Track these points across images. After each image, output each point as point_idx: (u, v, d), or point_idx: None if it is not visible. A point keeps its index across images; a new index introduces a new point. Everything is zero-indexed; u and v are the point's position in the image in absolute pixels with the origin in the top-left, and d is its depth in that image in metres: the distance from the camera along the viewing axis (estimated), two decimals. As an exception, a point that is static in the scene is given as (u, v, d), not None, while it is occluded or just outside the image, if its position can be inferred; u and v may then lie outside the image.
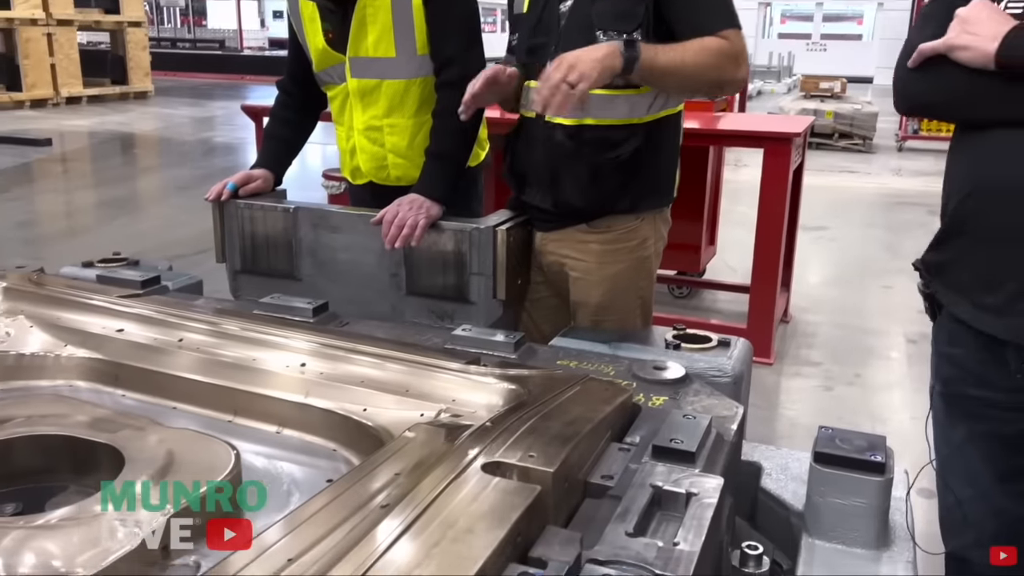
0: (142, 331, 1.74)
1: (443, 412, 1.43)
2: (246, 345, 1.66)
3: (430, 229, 2.23)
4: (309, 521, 1.02)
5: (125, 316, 1.78)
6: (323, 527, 0.99)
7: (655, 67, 1.93)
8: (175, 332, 1.72)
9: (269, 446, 1.50)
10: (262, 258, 2.45)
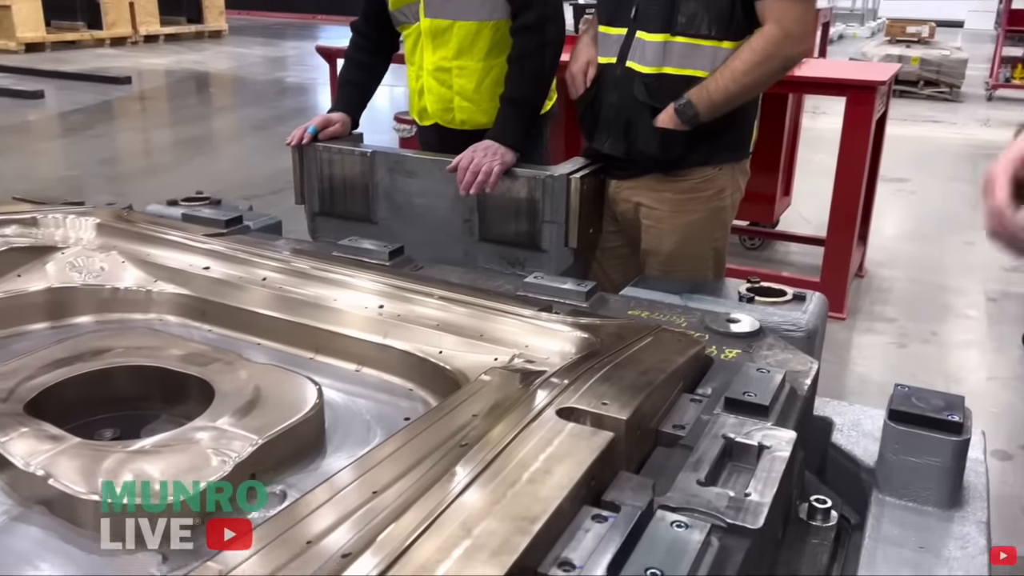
0: (227, 269, 1.80)
1: (516, 357, 1.46)
2: (326, 285, 1.71)
3: (504, 176, 2.24)
4: (390, 458, 1.06)
5: (211, 254, 1.84)
6: (403, 464, 1.04)
7: (716, 105, 2.07)
8: (258, 271, 1.77)
9: (349, 384, 1.55)
10: (340, 201, 2.50)
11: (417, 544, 0.85)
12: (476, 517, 0.90)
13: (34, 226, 1.88)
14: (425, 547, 0.85)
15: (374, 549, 0.85)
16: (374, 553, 0.84)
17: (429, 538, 0.86)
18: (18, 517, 1.16)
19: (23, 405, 1.32)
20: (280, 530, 0.91)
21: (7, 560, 1.09)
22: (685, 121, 2.05)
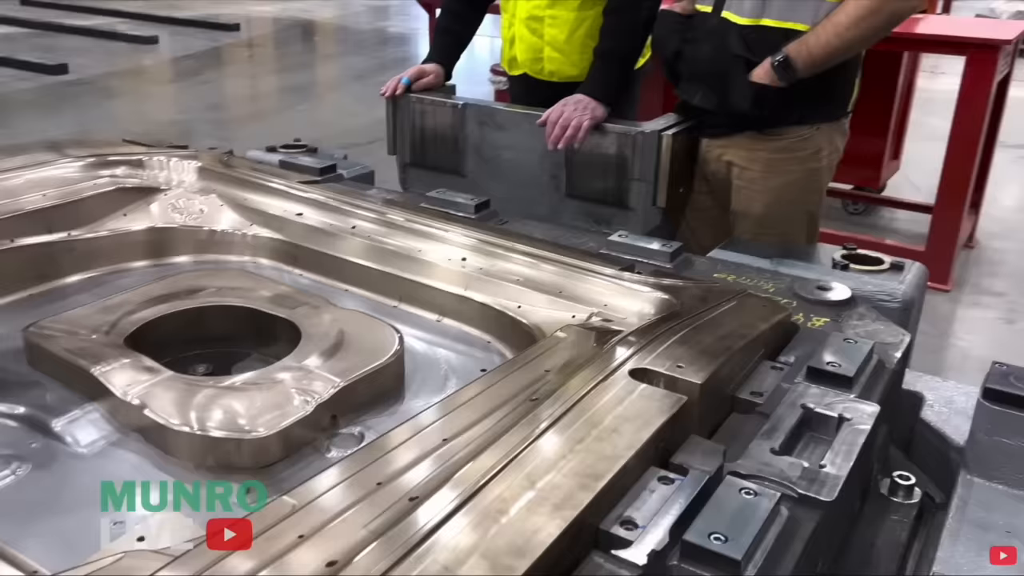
0: (319, 216, 1.85)
1: (594, 316, 1.46)
2: (412, 236, 1.73)
3: (593, 131, 2.21)
4: (464, 406, 1.08)
5: (304, 201, 1.89)
6: (476, 413, 1.05)
7: (816, 62, 1.97)
8: (349, 219, 1.81)
9: (430, 333, 1.58)
10: (430, 152, 2.52)
11: (481, 493, 0.87)
12: (541, 470, 0.91)
13: (140, 168, 1.96)
14: (489, 496, 0.86)
15: (439, 496, 0.87)
16: (439, 500, 0.86)
17: (493, 488, 0.88)
18: (116, 443, 1.24)
19: (124, 338, 1.40)
20: (353, 470, 0.94)
21: (96, 481, 1.16)
22: (782, 77, 1.96)
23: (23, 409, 1.28)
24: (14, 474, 1.16)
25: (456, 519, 0.83)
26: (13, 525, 1.04)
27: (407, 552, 0.78)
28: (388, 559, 0.77)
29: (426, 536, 0.80)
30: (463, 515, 0.84)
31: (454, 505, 0.85)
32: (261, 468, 1.19)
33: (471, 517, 0.83)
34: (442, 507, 0.84)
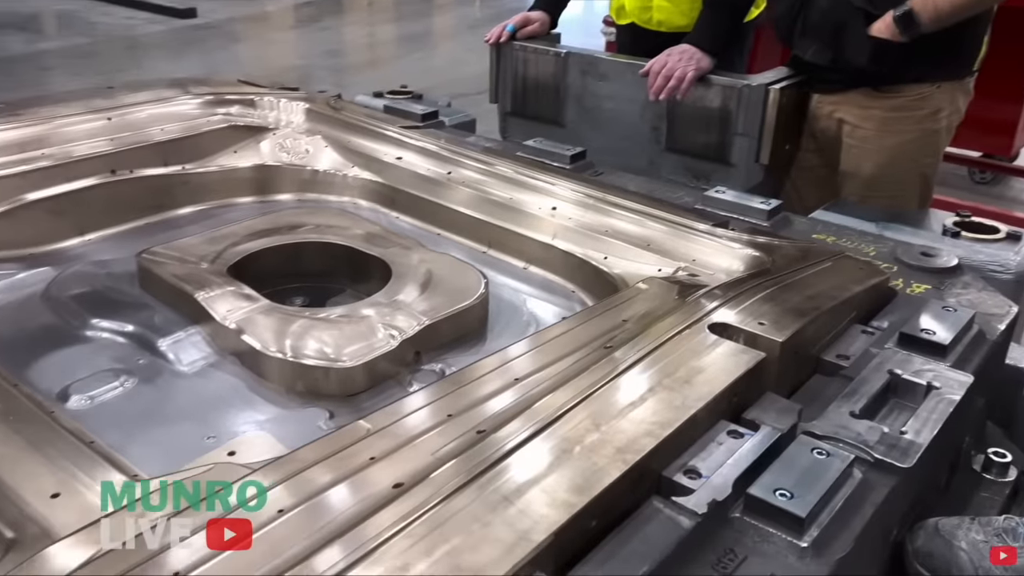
0: (418, 161, 1.88)
1: (681, 270, 1.44)
2: (506, 184, 1.74)
3: (697, 83, 2.15)
4: (540, 348, 1.10)
5: (405, 145, 1.93)
6: (551, 355, 1.07)
7: (942, 16, 1.86)
8: (446, 165, 1.84)
9: (515, 279, 1.60)
10: (531, 101, 2.52)
11: (547, 430, 0.89)
12: (609, 414, 0.92)
13: (252, 107, 2.04)
14: (555, 434, 0.88)
15: (507, 430, 0.89)
16: (506, 433, 0.88)
17: (560, 426, 0.89)
18: (214, 364, 1.32)
19: (227, 268, 1.48)
20: (428, 400, 0.98)
21: (200, 400, 1.25)
22: (903, 32, 1.85)
23: (133, 328, 1.38)
24: (122, 386, 1.26)
25: (520, 453, 0.85)
26: (119, 432, 1.12)
27: (469, 480, 0.81)
28: (451, 485, 0.80)
29: (490, 467, 0.83)
30: (528, 450, 0.86)
31: (520, 439, 0.87)
32: (347, 396, 1.25)
33: (536, 452, 0.85)
34: (508, 441, 0.87)
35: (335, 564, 0.70)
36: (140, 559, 0.74)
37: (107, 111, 1.87)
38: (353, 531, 0.75)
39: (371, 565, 0.71)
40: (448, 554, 0.72)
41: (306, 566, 0.70)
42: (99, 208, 1.71)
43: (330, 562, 0.71)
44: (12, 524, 0.93)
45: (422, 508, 0.77)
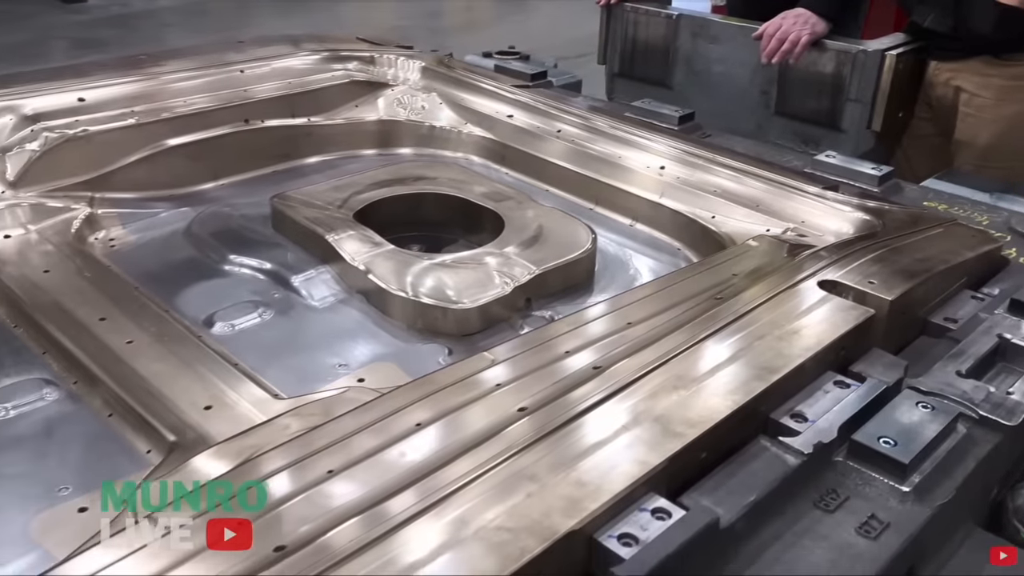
0: (528, 119, 1.94)
1: (789, 231, 1.46)
2: (614, 142, 1.79)
3: (811, 47, 2.14)
4: (649, 297, 1.15)
5: (515, 104, 1.99)
6: (660, 304, 1.12)
7: None
8: (555, 123, 1.89)
9: (621, 235, 1.65)
10: (639, 63, 2.54)
11: (661, 369, 0.94)
12: (719, 358, 0.97)
13: (372, 64, 2.13)
14: (668, 373, 0.94)
15: (622, 366, 0.95)
16: (622, 369, 0.94)
17: (672, 367, 0.95)
18: (343, 301, 1.42)
19: (352, 214, 1.58)
20: (546, 339, 1.05)
21: (331, 332, 1.35)
22: None
23: (268, 265, 1.49)
24: (260, 317, 1.37)
25: (636, 387, 0.91)
26: (258, 357, 1.23)
27: (587, 408, 0.88)
28: (570, 412, 0.87)
29: (606, 398, 0.89)
30: (643, 385, 0.92)
31: (635, 376, 0.93)
32: (462, 336, 1.33)
33: (651, 388, 0.91)
34: (624, 377, 0.93)
35: (467, 473, 0.78)
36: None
37: (239, 64, 1.99)
38: (484, 445, 0.83)
39: (494, 476, 0.78)
40: (571, 469, 0.79)
41: (445, 471, 0.78)
42: (232, 155, 1.83)
43: (462, 471, 0.78)
44: (173, 429, 1.05)
45: (545, 429, 0.84)
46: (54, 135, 1.64)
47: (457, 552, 0.69)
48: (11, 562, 0.88)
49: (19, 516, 0.95)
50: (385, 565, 0.68)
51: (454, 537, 0.70)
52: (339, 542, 0.71)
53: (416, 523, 0.72)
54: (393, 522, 0.72)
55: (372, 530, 0.71)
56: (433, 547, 0.69)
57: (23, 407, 1.13)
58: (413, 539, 0.70)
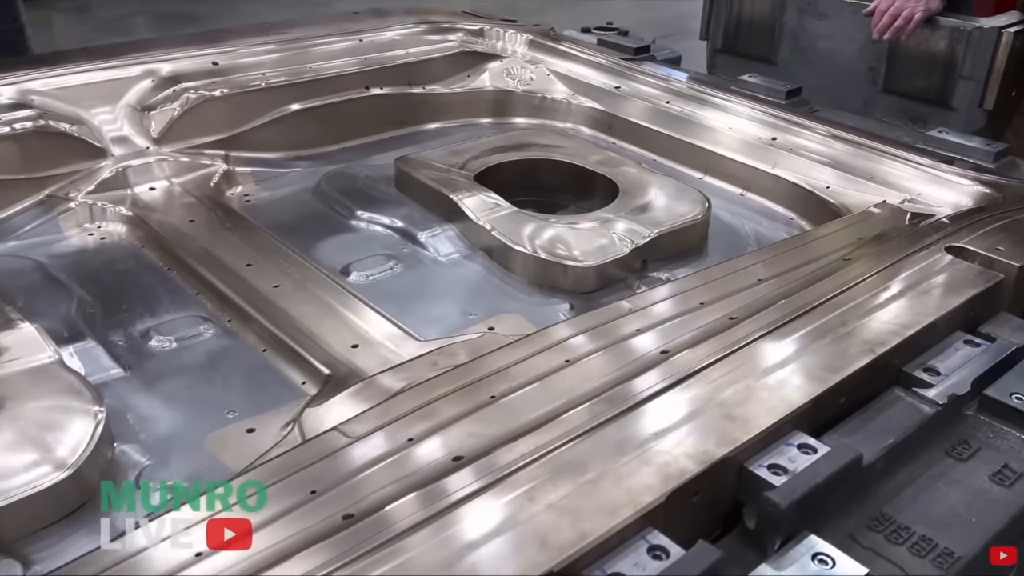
0: (635, 90, 1.98)
1: (906, 201, 1.47)
2: (723, 113, 1.81)
3: (924, 24, 2.12)
4: (779, 256, 1.19)
5: (622, 75, 2.03)
6: (790, 263, 1.16)
7: None
8: (663, 94, 1.93)
9: (733, 204, 1.68)
10: (743, 39, 2.54)
11: (796, 322, 0.98)
12: (853, 314, 1.01)
13: (481, 36, 2.19)
14: (804, 325, 0.98)
15: (759, 317, 1.00)
16: (759, 320, 0.99)
17: (808, 319, 0.99)
18: (466, 257, 1.49)
19: (472, 176, 1.64)
20: (679, 291, 1.10)
21: (457, 285, 1.42)
22: None
23: (395, 222, 1.57)
24: (391, 269, 1.45)
25: (775, 335, 0.96)
26: (393, 304, 1.30)
27: (729, 352, 0.93)
28: (715, 355, 0.92)
29: (746, 344, 0.94)
30: (782, 333, 0.96)
31: (773, 327, 0.97)
32: (580, 293, 1.38)
33: (790, 336, 0.96)
34: (763, 327, 0.97)
35: (605, 412, 0.84)
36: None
37: (357, 34, 2.07)
38: (634, 380, 0.89)
39: (652, 407, 0.84)
40: (719, 405, 0.84)
41: (609, 397, 0.84)
42: (353, 120, 1.92)
43: (600, 411, 0.84)
44: (326, 364, 1.13)
45: (691, 369, 0.90)
46: (194, 96, 1.75)
47: (628, 467, 0.75)
48: (198, 472, 0.98)
49: (196, 434, 1.04)
50: (561, 470, 0.75)
51: (628, 452, 0.76)
52: (513, 454, 0.77)
53: (588, 438, 0.78)
54: (568, 436, 0.78)
55: (549, 441, 0.78)
56: (609, 459, 0.76)
57: (186, 340, 1.23)
58: (585, 452, 0.77)
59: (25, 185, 1.55)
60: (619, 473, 0.75)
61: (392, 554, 0.67)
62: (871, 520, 0.82)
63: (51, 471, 0.90)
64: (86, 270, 1.40)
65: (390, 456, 0.79)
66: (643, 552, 0.69)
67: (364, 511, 0.72)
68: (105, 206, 1.55)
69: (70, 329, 1.20)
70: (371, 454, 0.80)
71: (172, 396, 1.11)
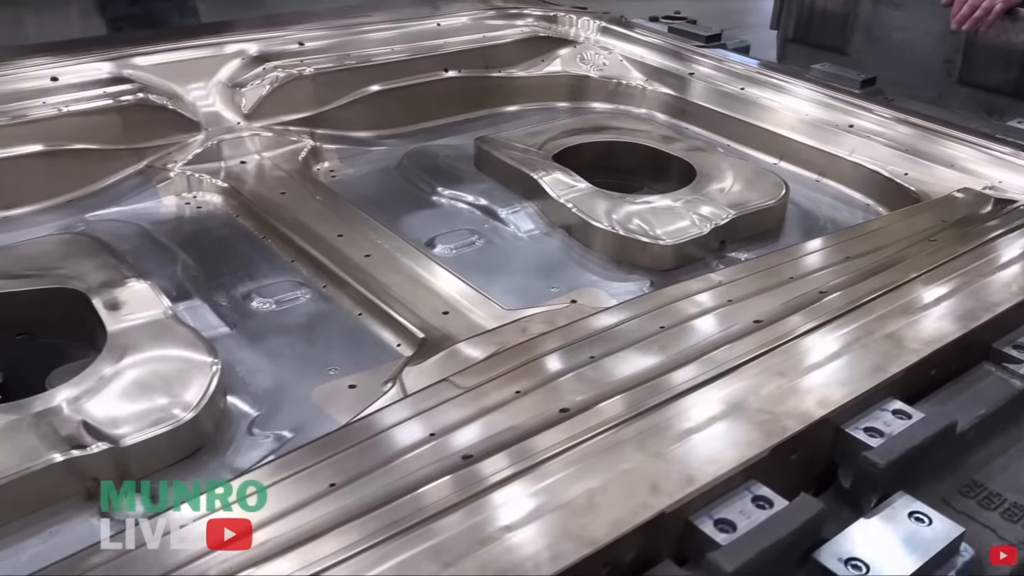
0: (709, 77, 2.00)
1: (988, 188, 1.48)
2: (798, 100, 1.82)
3: (1004, 15, 2.10)
4: (863, 237, 1.21)
5: (695, 62, 2.05)
6: (874, 244, 1.18)
7: None
8: (737, 81, 1.94)
9: (808, 189, 1.69)
10: (816, 29, 2.54)
11: (884, 298, 1.01)
12: (940, 291, 1.03)
13: (554, 22, 2.23)
14: (891, 302, 1.00)
15: (846, 293, 1.02)
16: (844, 296, 1.01)
17: (895, 296, 1.01)
18: (546, 233, 1.53)
19: (551, 156, 1.68)
20: (768, 266, 1.13)
21: (539, 260, 1.46)
22: None
23: (476, 199, 1.62)
24: (474, 243, 1.50)
25: (862, 311, 0.98)
26: (479, 276, 1.34)
27: (822, 323, 0.95)
28: (808, 325, 0.95)
29: (839, 316, 0.97)
30: (870, 309, 0.99)
31: (862, 301, 0.99)
32: (659, 271, 1.42)
33: (879, 313, 0.98)
34: (852, 300, 1.00)
35: (705, 373, 0.87)
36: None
37: (434, 18, 2.12)
38: (724, 347, 0.92)
39: (750, 369, 0.87)
40: (815, 370, 0.87)
41: (708, 359, 0.88)
42: (431, 101, 1.97)
43: (700, 371, 0.87)
44: (420, 328, 1.18)
45: (786, 338, 0.93)
46: (282, 75, 1.81)
47: (731, 423, 0.78)
48: (306, 422, 1.03)
49: (302, 388, 1.10)
50: (665, 424, 0.78)
51: (730, 409, 0.80)
52: (619, 408, 0.81)
53: (690, 396, 0.82)
54: (670, 393, 0.82)
55: (652, 397, 0.81)
56: (712, 414, 0.79)
57: (285, 303, 1.29)
58: (688, 409, 0.80)
59: (126, 155, 1.63)
60: (721, 428, 0.78)
61: (507, 494, 0.71)
62: (963, 486, 0.84)
63: (172, 415, 0.96)
64: (186, 236, 1.47)
65: (501, 406, 0.84)
66: (748, 501, 0.72)
67: (481, 453, 0.76)
68: (201, 177, 1.62)
69: (178, 289, 1.27)
70: (482, 404, 0.84)
71: (276, 353, 1.17)
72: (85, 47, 1.75)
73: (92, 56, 1.70)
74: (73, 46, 1.78)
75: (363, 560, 0.64)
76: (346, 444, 0.80)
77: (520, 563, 0.64)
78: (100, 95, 1.63)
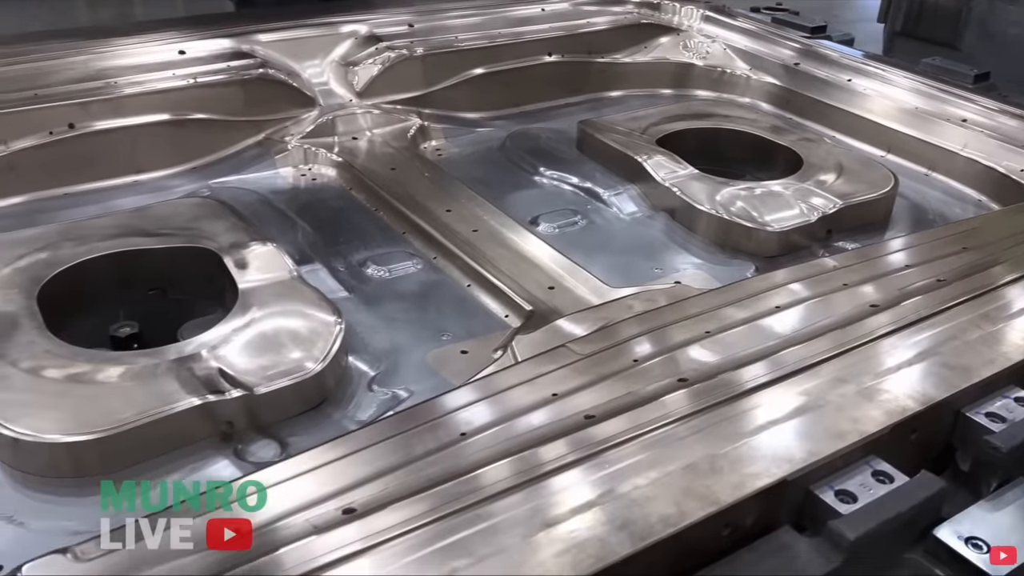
0: (815, 67, 1.97)
1: (1112, 188, 1.43)
2: (910, 94, 1.79)
3: None
4: (979, 228, 1.19)
5: (801, 53, 2.03)
6: (979, 240, 1.16)
7: None
8: (844, 72, 1.92)
9: (917, 182, 1.67)
10: (926, 22, 2.48)
11: (975, 300, 1.00)
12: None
13: (657, 10, 2.23)
14: (1009, 295, 0.99)
15: (961, 283, 1.01)
16: (960, 286, 1.01)
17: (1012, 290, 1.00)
18: (649, 216, 1.55)
19: (655, 140, 1.69)
20: (885, 252, 1.13)
21: (642, 241, 1.48)
22: None
23: (578, 180, 1.64)
24: (577, 223, 1.52)
25: (983, 298, 0.97)
26: (581, 255, 1.37)
27: (941, 309, 0.95)
28: (927, 311, 0.95)
29: (953, 306, 0.96)
30: (990, 298, 0.98)
31: (980, 291, 0.99)
32: (763, 257, 1.42)
33: (998, 301, 0.98)
34: (971, 290, 0.99)
35: (825, 351, 0.87)
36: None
37: (539, 3, 2.15)
38: (842, 329, 0.92)
39: (851, 360, 0.88)
40: (936, 355, 0.87)
41: (827, 339, 0.89)
42: (534, 85, 2.00)
43: (819, 349, 0.88)
44: (528, 300, 1.22)
45: (903, 321, 0.93)
46: (393, 55, 1.87)
47: (851, 400, 0.80)
48: (422, 381, 1.08)
49: (417, 351, 1.15)
50: (785, 398, 0.80)
51: (850, 388, 0.81)
52: (737, 379, 0.83)
53: (810, 372, 0.83)
54: (789, 369, 0.83)
55: (770, 372, 0.83)
56: (832, 392, 0.81)
57: (399, 271, 1.34)
58: (808, 384, 0.82)
59: (246, 127, 1.70)
60: (842, 404, 0.80)
61: (630, 453, 0.74)
62: (1084, 476, 0.83)
63: (301, 369, 1.02)
64: (303, 205, 1.54)
65: (619, 373, 0.86)
66: (868, 475, 0.74)
67: (603, 414, 0.79)
68: (317, 150, 1.69)
69: (299, 253, 1.33)
70: (600, 370, 0.87)
71: (391, 318, 1.22)
72: (210, 23, 1.83)
73: (216, 32, 1.78)
74: (198, 22, 1.87)
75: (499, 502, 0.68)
76: (471, 398, 0.84)
77: (646, 517, 0.66)
78: (224, 68, 1.71)
